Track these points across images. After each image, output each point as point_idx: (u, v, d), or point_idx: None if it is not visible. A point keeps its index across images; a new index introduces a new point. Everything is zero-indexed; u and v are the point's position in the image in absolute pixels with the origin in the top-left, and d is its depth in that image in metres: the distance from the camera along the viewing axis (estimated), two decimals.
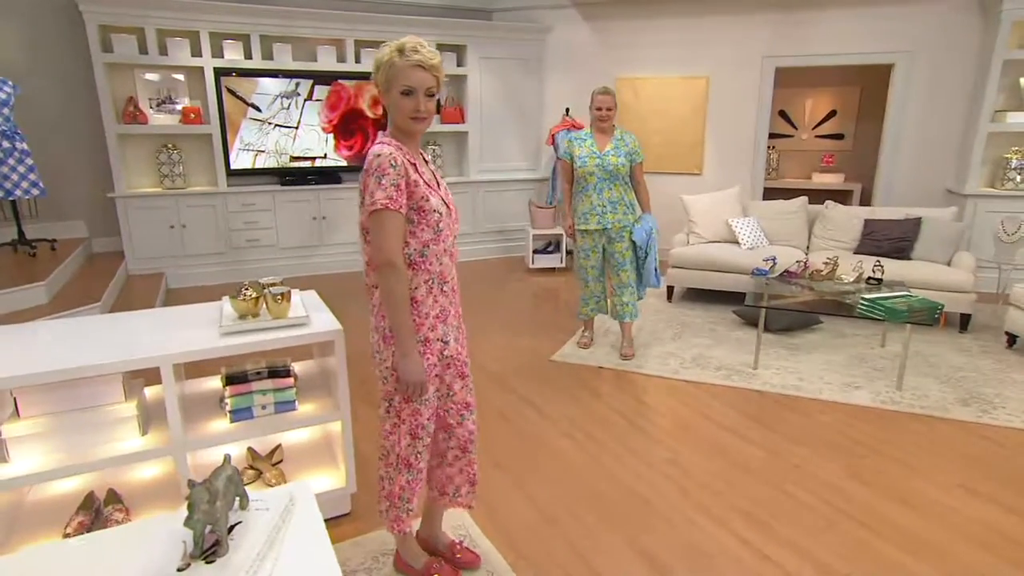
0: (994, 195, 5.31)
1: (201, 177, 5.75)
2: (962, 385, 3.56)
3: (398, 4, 6.33)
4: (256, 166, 5.86)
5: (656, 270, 3.82)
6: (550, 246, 6.50)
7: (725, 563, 2.14)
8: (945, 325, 4.47)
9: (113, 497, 2.10)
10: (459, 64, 6.40)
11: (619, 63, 6.46)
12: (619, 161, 3.62)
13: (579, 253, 3.91)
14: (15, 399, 1.87)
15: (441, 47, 6.28)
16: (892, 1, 5.58)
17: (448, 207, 1.78)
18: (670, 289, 5.17)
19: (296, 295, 2.36)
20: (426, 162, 1.82)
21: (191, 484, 1.04)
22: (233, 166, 5.75)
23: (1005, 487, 2.59)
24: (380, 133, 1.78)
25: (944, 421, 3.16)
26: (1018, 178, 5.33)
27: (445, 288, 1.78)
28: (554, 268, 6.39)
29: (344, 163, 6.21)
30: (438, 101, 1.67)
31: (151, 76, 5.40)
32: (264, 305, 2.21)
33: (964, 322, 4.42)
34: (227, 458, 1.11)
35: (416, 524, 2.14)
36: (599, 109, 3.61)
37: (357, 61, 6.03)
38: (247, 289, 2.20)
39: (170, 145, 5.55)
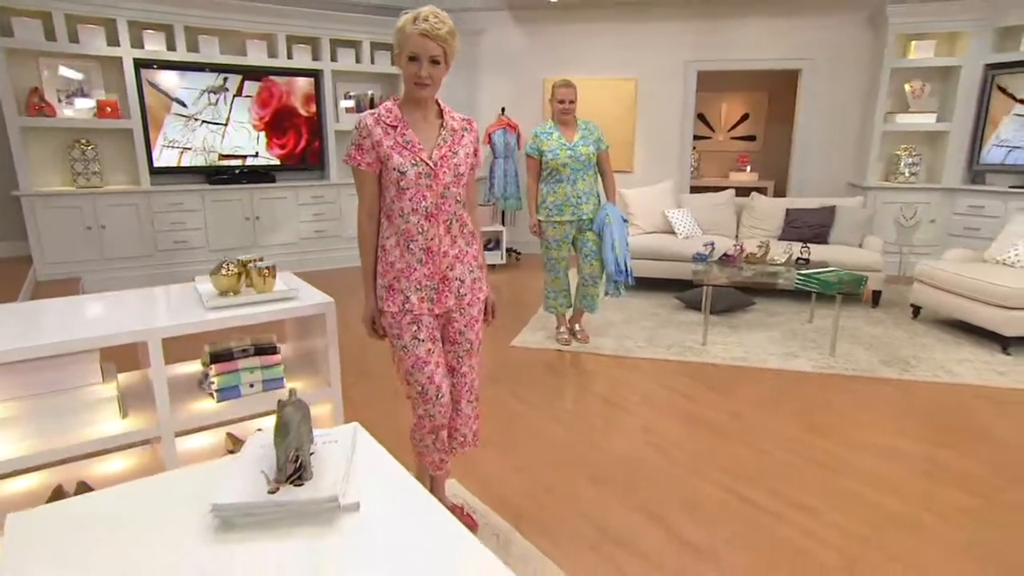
0: (889, 187, 5.93)
1: (121, 175, 5.36)
2: (883, 350, 3.95)
3: (331, 1, 6.22)
4: (182, 164, 5.54)
5: (618, 261, 3.71)
6: (490, 243, 6.56)
7: (713, 508, 2.27)
8: (869, 297, 4.92)
9: (85, 489, 1.93)
10: (393, 63, 6.34)
11: (551, 64, 6.67)
12: (590, 150, 3.66)
13: (550, 245, 3.80)
14: None
15: (375, 45, 6.25)
16: (797, 14, 6.13)
17: (431, 168, 1.80)
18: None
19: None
20: (442, 126, 1.84)
21: (281, 404, 1.01)
22: (157, 164, 5.40)
23: (933, 429, 2.91)
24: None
25: (874, 380, 3.50)
26: (907, 172, 5.99)
27: (412, 246, 1.84)
28: (494, 265, 6.45)
29: (277, 162, 6.00)
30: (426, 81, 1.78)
31: (46, 69, 4.95)
32: (247, 281, 2.13)
33: (876, 298, 4.91)
34: (293, 392, 1.08)
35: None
36: (561, 102, 3.63)
37: (289, 57, 5.86)
38: (229, 264, 2.11)
39: (83, 140, 5.14)
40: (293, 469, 1.00)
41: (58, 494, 1.90)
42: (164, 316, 1.88)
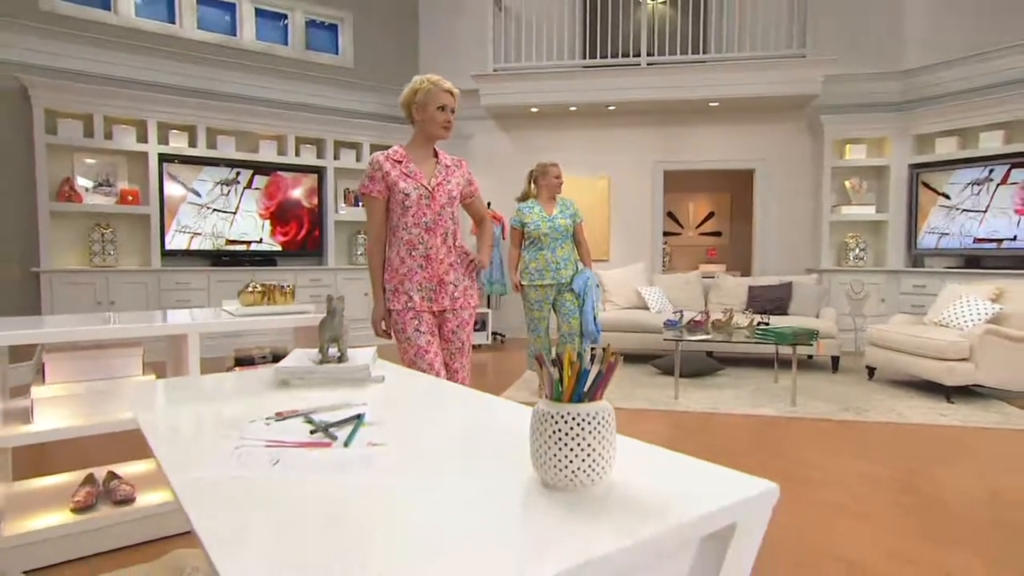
0: (840, 270, 6.51)
1: (134, 256, 5.78)
2: (840, 401, 4.27)
3: (337, 109, 7.03)
4: (191, 247, 5.99)
5: (595, 320, 4.22)
6: (477, 324, 6.94)
7: None
8: (826, 359, 5.29)
9: (113, 478, 2.15)
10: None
11: (532, 163, 7.39)
12: (567, 222, 4.21)
13: (532, 306, 4.23)
14: (43, 364, 1.99)
15: (374, 148, 6.97)
16: (748, 121, 7.02)
17: (430, 191, 2.28)
18: (591, 351, 5.71)
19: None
20: (437, 163, 2.32)
21: (330, 298, 1.34)
22: (168, 247, 5.85)
23: (885, 455, 3.19)
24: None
25: (833, 422, 3.80)
26: (855, 257, 6.61)
27: (414, 253, 2.27)
28: (480, 345, 6.78)
29: (279, 248, 6.48)
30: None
31: (90, 160, 5.53)
32: (271, 297, 2.49)
33: (835, 364, 5.29)
34: (335, 297, 1.40)
35: None
36: (557, 177, 4.27)
37: (297, 155, 6.53)
38: (255, 285, 2.47)
39: (104, 224, 5.60)
40: (334, 355, 1.32)
41: (91, 478, 2.12)
42: (201, 319, 2.21)
